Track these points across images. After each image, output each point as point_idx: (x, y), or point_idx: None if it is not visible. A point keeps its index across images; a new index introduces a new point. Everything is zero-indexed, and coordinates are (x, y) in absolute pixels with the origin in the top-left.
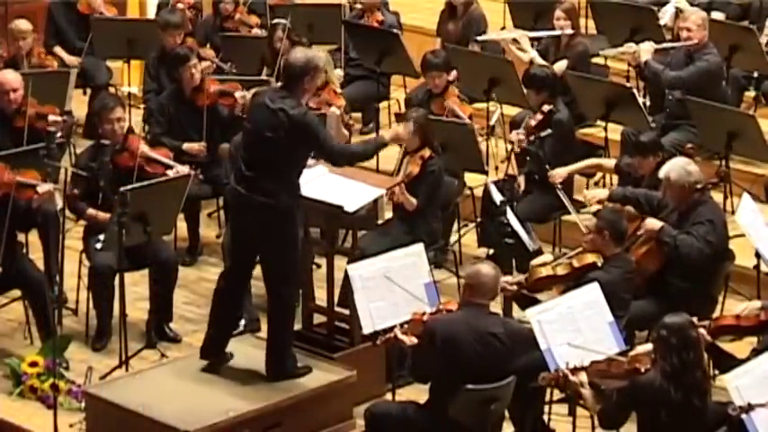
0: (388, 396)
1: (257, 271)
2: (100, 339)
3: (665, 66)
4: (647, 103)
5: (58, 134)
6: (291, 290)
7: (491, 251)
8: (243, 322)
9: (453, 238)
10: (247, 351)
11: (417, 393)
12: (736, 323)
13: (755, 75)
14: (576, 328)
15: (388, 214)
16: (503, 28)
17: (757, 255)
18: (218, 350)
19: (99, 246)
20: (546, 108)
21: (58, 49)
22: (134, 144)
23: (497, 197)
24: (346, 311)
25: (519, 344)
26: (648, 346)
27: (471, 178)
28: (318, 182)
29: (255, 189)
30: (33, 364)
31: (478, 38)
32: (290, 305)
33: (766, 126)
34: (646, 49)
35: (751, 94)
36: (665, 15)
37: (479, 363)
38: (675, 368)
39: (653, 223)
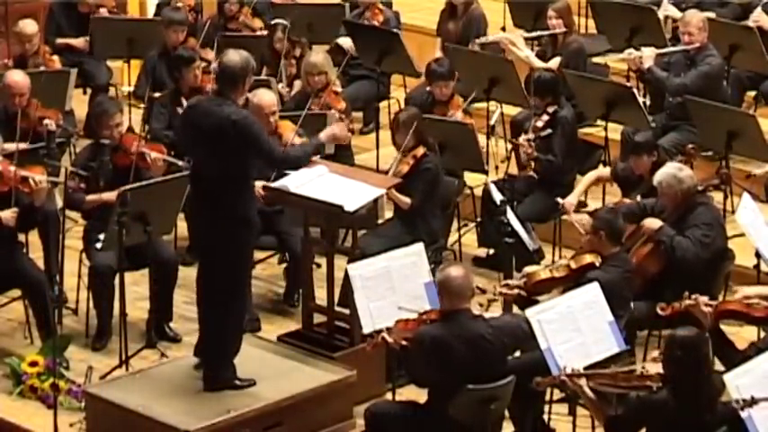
0: (388, 396)
1: (257, 270)
2: (100, 339)
3: (666, 67)
4: (647, 103)
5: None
6: (240, 303)
7: (491, 251)
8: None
9: (453, 237)
10: (247, 351)
11: (417, 393)
12: (746, 311)
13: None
14: (575, 328)
15: (389, 214)
16: (503, 28)
17: (757, 254)
18: None
19: (99, 246)
20: (551, 109)
21: (61, 40)
22: (130, 142)
23: (497, 197)
24: (346, 311)
25: (505, 336)
26: (656, 353)
27: (471, 178)
28: (318, 182)
29: (206, 197)
30: (33, 364)
31: (477, 41)
32: (240, 320)
33: (766, 126)
34: (648, 56)
35: (751, 93)
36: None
37: (474, 366)
38: (689, 390)
39: (652, 222)
